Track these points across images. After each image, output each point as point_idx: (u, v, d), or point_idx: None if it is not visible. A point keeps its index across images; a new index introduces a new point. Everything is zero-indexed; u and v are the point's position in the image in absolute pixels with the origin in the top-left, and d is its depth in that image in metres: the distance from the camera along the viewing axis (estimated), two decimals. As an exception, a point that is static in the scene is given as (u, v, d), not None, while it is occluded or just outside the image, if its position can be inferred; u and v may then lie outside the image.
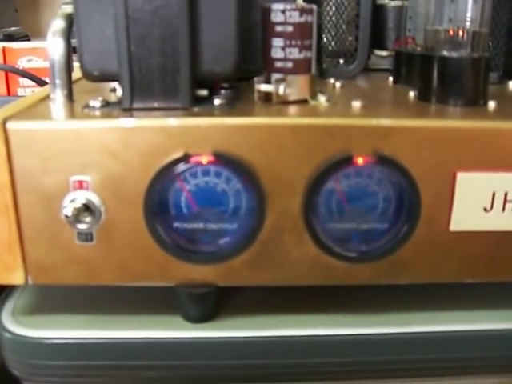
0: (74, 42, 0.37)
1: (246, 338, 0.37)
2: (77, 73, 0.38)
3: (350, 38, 0.50)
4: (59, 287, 0.39)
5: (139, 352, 0.37)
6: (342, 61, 0.50)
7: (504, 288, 0.40)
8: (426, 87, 0.39)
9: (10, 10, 1.11)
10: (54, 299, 0.40)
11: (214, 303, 0.38)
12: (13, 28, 0.93)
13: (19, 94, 0.63)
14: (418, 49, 0.44)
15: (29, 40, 0.88)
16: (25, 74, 0.55)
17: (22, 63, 0.62)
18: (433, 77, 0.38)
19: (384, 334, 0.37)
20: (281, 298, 0.39)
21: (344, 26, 0.51)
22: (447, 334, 0.38)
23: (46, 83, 0.56)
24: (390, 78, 0.47)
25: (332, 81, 0.45)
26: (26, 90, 0.63)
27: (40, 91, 0.43)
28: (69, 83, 0.38)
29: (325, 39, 0.51)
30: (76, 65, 0.38)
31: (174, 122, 0.34)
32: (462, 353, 0.38)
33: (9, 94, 0.64)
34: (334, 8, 0.50)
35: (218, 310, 0.38)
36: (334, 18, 0.51)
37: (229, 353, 0.37)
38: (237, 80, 0.39)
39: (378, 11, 0.50)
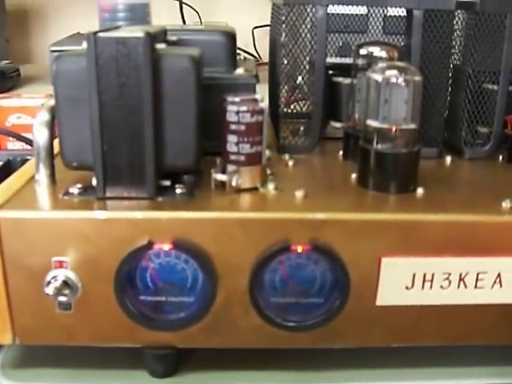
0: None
1: (203, 391, 0.43)
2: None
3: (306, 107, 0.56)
4: (43, 346, 0.45)
5: (111, 403, 0.43)
6: (302, 128, 0.56)
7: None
8: (363, 175, 0.45)
9: (1, 41, 1.11)
10: (38, 355, 0.46)
11: (175, 361, 0.44)
12: (4, 62, 0.95)
13: (9, 147, 0.69)
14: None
15: (19, 75, 0.94)
16: (13, 135, 0.61)
17: (12, 120, 0.69)
18: (369, 167, 0.44)
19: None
20: (235, 356, 0.46)
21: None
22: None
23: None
24: (341, 153, 0.53)
25: (287, 157, 0.51)
26: (16, 143, 0.69)
27: (25, 170, 0.48)
28: (51, 165, 0.44)
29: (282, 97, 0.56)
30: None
31: (139, 214, 0.40)
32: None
33: (-1, 148, 0.71)
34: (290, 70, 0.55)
35: (179, 367, 0.45)
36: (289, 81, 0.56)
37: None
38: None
39: (334, 87, 0.55)
